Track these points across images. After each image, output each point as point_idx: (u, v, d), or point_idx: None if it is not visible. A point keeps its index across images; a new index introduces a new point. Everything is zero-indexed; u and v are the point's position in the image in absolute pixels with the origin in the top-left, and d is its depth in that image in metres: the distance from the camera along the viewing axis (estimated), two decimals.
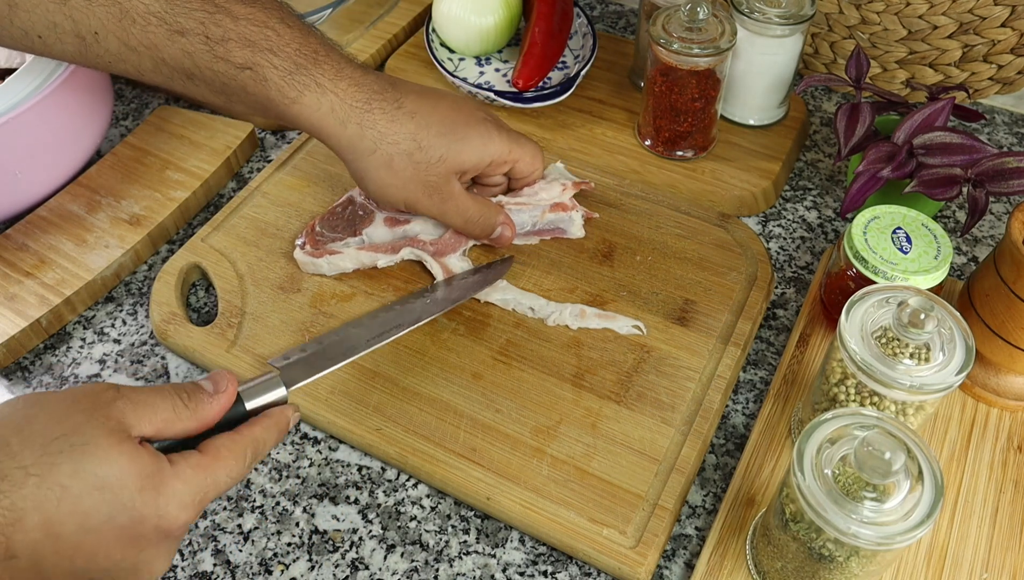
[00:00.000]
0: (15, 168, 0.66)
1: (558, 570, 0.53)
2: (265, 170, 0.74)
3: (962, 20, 0.77)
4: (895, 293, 0.50)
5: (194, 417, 0.42)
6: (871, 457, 0.41)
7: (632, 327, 0.62)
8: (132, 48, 0.51)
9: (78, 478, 0.37)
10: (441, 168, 0.58)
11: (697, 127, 0.73)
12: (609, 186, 0.72)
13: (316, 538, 0.54)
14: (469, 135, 0.59)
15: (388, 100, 0.56)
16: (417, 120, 0.57)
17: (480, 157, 0.60)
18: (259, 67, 0.52)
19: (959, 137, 0.62)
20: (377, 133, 0.56)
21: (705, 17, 0.67)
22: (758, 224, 0.72)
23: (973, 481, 0.55)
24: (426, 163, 0.58)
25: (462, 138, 0.58)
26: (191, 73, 0.52)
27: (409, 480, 0.57)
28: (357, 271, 0.66)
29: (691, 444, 0.56)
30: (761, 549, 0.49)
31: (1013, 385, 0.58)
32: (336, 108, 0.55)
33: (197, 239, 0.69)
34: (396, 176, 0.57)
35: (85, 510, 0.37)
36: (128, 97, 0.85)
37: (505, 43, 0.84)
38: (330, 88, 0.54)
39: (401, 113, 0.56)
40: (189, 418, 0.41)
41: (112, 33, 0.50)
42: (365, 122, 0.56)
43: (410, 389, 0.59)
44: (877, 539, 0.40)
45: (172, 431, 0.41)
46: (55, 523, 0.36)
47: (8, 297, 0.64)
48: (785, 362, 0.61)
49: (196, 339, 0.62)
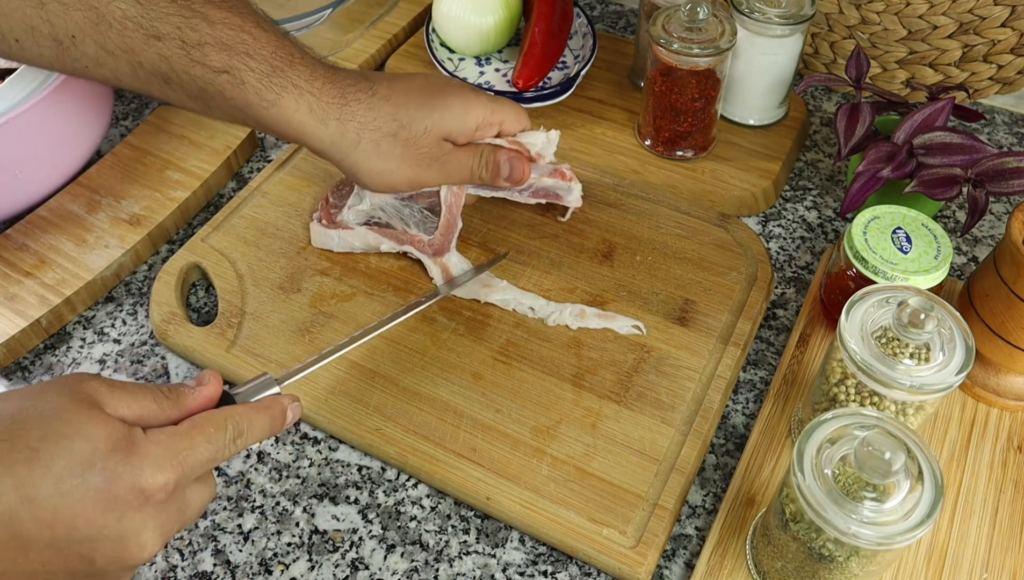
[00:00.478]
0: (15, 168, 0.66)
1: (558, 570, 0.53)
2: (265, 170, 0.74)
3: (962, 20, 0.77)
4: (895, 293, 0.50)
5: (176, 406, 0.42)
6: (871, 457, 0.41)
7: (632, 327, 0.62)
8: (110, 52, 0.51)
9: (48, 441, 0.37)
10: (429, 139, 0.58)
11: (697, 127, 0.73)
12: (609, 186, 0.72)
13: (316, 538, 0.54)
14: (448, 102, 0.59)
15: (362, 90, 0.56)
16: (394, 101, 0.57)
17: (463, 120, 0.59)
18: (236, 71, 0.52)
19: (959, 137, 0.62)
20: (358, 124, 0.56)
21: (705, 17, 0.67)
22: (758, 224, 0.72)
23: (973, 481, 0.55)
24: (413, 138, 0.58)
25: (442, 106, 0.58)
26: (168, 78, 0.52)
27: (409, 480, 0.57)
28: (356, 270, 0.66)
29: (691, 444, 0.56)
30: (761, 549, 0.49)
31: (1013, 385, 0.58)
32: (315, 107, 0.55)
33: (197, 239, 0.69)
34: (388, 160, 0.57)
35: (58, 472, 0.37)
36: (128, 97, 0.85)
37: (505, 43, 0.84)
38: (307, 88, 0.54)
39: (376, 99, 0.56)
40: (171, 408, 0.42)
41: (89, 37, 0.50)
42: (344, 116, 0.56)
43: (410, 389, 0.59)
44: (877, 539, 0.40)
45: (155, 421, 0.41)
46: (28, 486, 0.36)
47: (8, 297, 0.64)
48: (785, 362, 0.61)
49: (196, 339, 0.62)
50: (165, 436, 0.40)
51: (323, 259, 0.67)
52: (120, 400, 0.40)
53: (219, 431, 0.42)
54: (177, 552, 0.53)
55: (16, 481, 0.36)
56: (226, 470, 0.57)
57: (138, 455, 0.39)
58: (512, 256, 0.67)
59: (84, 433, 0.38)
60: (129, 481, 0.38)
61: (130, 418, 0.40)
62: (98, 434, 0.38)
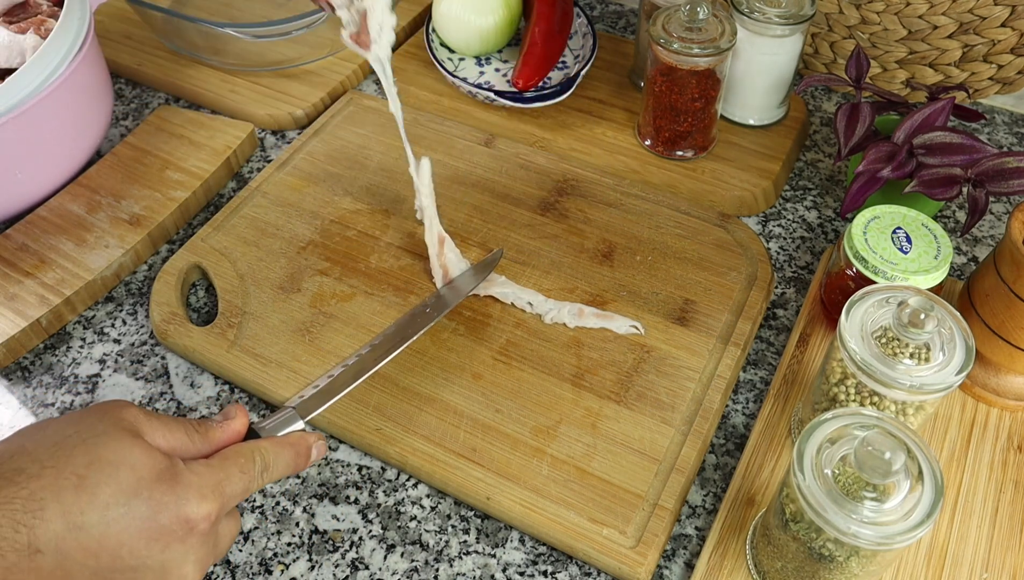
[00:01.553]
0: (15, 168, 0.66)
1: (558, 570, 0.53)
2: (265, 170, 0.74)
3: (962, 20, 0.77)
4: (895, 293, 0.50)
5: (206, 441, 0.42)
6: (871, 457, 0.41)
7: (630, 327, 0.62)
8: None
9: (94, 468, 0.37)
10: None
11: (697, 127, 0.73)
12: (609, 186, 0.72)
13: (316, 538, 0.54)
14: None
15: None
16: None
17: None
18: None
19: (959, 137, 0.62)
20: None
21: (705, 17, 0.67)
22: (758, 224, 0.72)
23: (973, 481, 0.55)
24: None
25: None
26: None
27: (409, 480, 0.57)
28: (357, 270, 0.66)
29: (691, 444, 0.56)
30: (761, 549, 0.49)
31: (1013, 385, 0.58)
32: None
33: (197, 239, 0.69)
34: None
35: (104, 499, 0.36)
36: (128, 97, 0.85)
37: (505, 43, 0.84)
38: None
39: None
40: (201, 442, 0.42)
41: None
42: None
43: (410, 389, 0.59)
44: (877, 539, 0.40)
45: (186, 453, 0.41)
46: (75, 512, 0.36)
47: (8, 297, 0.64)
48: (785, 362, 0.61)
49: (196, 339, 0.62)
50: (204, 467, 0.40)
51: (323, 259, 0.67)
52: (156, 430, 0.40)
53: (249, 463, 0.42)
54: None
55: (63, 507, 0.36)
56: None
57: (182, 485, 0.39)
58: (512, 256, 0.67)
59: (130, 461, 0.37)
60: (174, 511, 0.38)
61: (165, 449, 0.40)
62: (143, 463, 0.38)
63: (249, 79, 0.84)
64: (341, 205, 0.71)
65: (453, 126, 0.78)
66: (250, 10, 0.92)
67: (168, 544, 0.38)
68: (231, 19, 0.91)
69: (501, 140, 0.76)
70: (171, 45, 0.86)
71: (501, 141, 0.76)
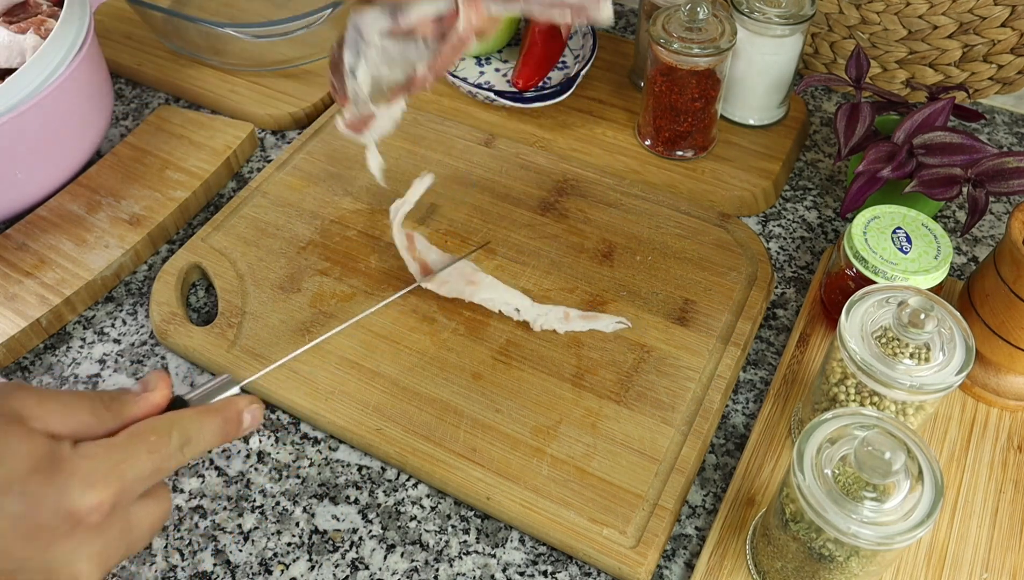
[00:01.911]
0: (15, 168, 0.66)
1: (558, 570, 0.53)
2: (265, 170, 0.74)
3: (962, 20, 0.77)
4: (895, 293, 0.50)
5: (116, 416, 0.38)
6: (871, 457, 0.41)
7: (616, 324, 0.61)
8: None
9: None
10: None
11: (697, 127, 0.73)
12: (609, 186, 0.72)
13: (316, 538, 0.54)
14: None
15: None
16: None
17: None
18: None
19: (959, 137, 0.62)
20: None
21: (705, 17, 0.67)
22: (758, 224, 0.72)
23: (973, 481, 0.55)
24: None
25: None
26: None
27: (409, 480, 0.57)
28: (356, 270, 0.66)
29: (691, 444, 0.56)
30: (761, 549, 0.49)
31: (1013, 385, 0.58)
32: None
33: (197, 239, 0.69)
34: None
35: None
36: (128, 97, 0.85)
37: (505, 43, 0.84)
38: None
39: None
40: (111, 418, 0.37)
41: None
42: None
43: (410, 389, 0.59)
44: (877, 539, 0.40)
45: (93, 434, 0.37)
46: None
47: (8, 297, 0.64)
48: (785, 362, 0.61)
49: (196, 339, 0.62)
50: (99, 449, 0.35)
51: (323, 259, 0.67)
52: (51, 412, 0.36)
53: (162, 439, 0.37)
54: (177, 552, 0.53)
55: None
56: (226, 470, 0.57)
57: (63, 473, 0.34)
58: (512, 256, 0.67)
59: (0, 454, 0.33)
60: (53, 505, 0.34)
61: (64, 432, 0.36)
62: (16, 453, 0.33)
63: (249, 79, 0.84)
64: (341, 205, 0.71)
65: (453, 126, 0.78)
66: (250, 10, 0.92)
67: (50, 542, 0.34)
68: (231, 19, 0.91)
69: (501, 140, 0.76)
70: (171, 45, 0.86)
71: (501, 141, 0.76)
